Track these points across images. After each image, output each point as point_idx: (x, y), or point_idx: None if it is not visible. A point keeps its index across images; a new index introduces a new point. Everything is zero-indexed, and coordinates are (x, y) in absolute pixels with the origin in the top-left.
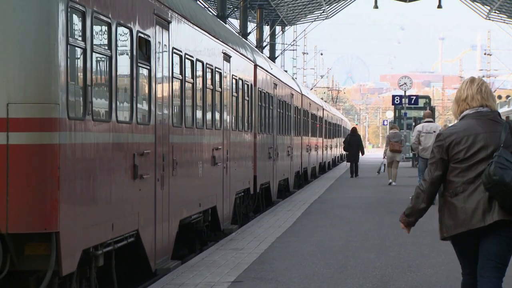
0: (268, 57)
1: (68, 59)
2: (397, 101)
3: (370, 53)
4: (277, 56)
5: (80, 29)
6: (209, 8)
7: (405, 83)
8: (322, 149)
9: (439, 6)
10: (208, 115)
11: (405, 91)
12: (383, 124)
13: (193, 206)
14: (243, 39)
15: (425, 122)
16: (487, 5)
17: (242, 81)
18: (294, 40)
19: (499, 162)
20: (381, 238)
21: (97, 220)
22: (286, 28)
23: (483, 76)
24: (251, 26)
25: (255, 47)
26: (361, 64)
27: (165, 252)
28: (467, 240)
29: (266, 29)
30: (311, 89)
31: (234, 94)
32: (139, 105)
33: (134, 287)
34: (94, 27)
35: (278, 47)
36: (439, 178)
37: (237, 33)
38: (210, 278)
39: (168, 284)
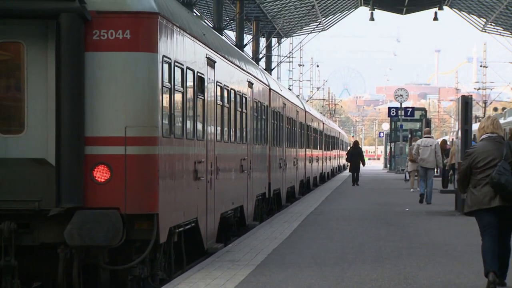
0: (264, 69)
1: (162, 96)
2: (393, 113)
3: (366, 65)
4: (273, 68)
5: (168, 74)
6: (205, 20)
7: (401, 95)
8: (322, 161)
9: (435, 19)
10: (238, 132)
11: (401, 103)
12: (379, 136)
13: (229, 203)
14: (259, 67)
15: (425, 137)
16: (483, 18)
17: (260, 103)
18: (290, 52)
19: (499, 170)
20: (377, 250)
21: (177, 207)
22: (282, 40)
23: (479, 89)
24: (247, 38)
25: (251, 59)
26: (357, 76)
27: (212, 237)
28: (485, 213)
29: (262, 41)
30: (307, 101)
31: (255, 114)
32: (197, 126)
33: (192, 261)
34: (175, 72)
35: (274, 59)
36: (464, 178)
37: (234, 45)
38: None
39: None
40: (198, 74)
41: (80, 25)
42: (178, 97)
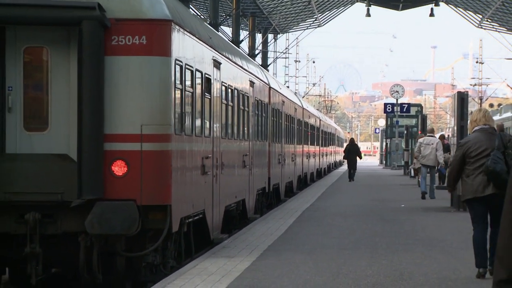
0: (261, 65)
1: (175, 96)
2: (389, 109)
3: (362, 61)
4: (269, 64)
5: (179, 76)
6: (201, 16)
7: (397, 91)
8: (319, 157)
9: (432, 15)
10: (241, 129)
11: (397, 99)
12: (375, 132)
13: (232, 197)
14: (260, 66)
15: (427, 136)
16: (479, 14)
17: (261, 101)
18: (286, 48)
19: (493, 158)
20: (373, 246)
21: (187, 199)
22: (279, 36)
23: (475, 85)
24: (243, 34)
25: (248, 55)
26: (353, 72)
27: (217, 228)
28: (477, 204)
29: (259, 37)
30: (303, 97)
31: (256, 112)
32: (205, 124)
33: (200, 250)
34: (186, 74)
35: (270, 55)
36: (459, 168)
37: (230, 41)
38: (202, 286)
39: None
40: (206, 75)
41: (100, 31)
42: (188, 96)
